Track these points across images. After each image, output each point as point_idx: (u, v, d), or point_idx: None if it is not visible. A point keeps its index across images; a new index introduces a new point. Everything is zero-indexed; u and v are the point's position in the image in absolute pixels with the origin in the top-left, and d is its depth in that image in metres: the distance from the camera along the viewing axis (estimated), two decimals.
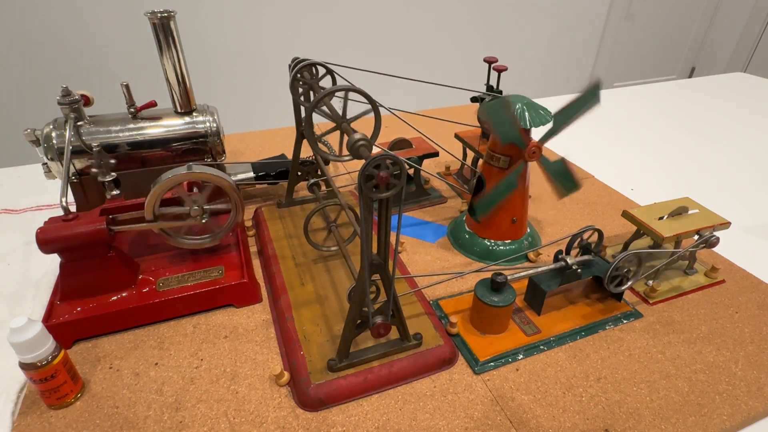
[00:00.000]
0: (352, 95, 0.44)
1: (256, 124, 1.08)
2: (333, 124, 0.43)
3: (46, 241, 0.44)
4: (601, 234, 0.54)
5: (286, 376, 0.43)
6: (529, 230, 0.63)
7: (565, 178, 0.54)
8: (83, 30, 1.69)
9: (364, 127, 0.37)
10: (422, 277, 0.56)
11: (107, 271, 0.48)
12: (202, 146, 0.62)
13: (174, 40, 0.56)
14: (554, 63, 2.67)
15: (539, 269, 0.50)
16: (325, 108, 0.43)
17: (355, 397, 0.42)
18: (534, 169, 0.56)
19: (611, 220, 0.69)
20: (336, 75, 0.55)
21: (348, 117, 0.43)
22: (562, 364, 0.46)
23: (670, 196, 0.62)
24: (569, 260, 0.50)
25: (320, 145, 0.63)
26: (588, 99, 0.49)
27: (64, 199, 0.47)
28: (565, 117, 0.51)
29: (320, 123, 1.02)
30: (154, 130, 0.60)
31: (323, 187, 0.66)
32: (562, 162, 0.54)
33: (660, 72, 3.09)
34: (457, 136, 0.77)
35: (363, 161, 0.32)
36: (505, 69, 0.70)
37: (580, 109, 0.50)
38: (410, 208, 0.72)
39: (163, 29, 0.54)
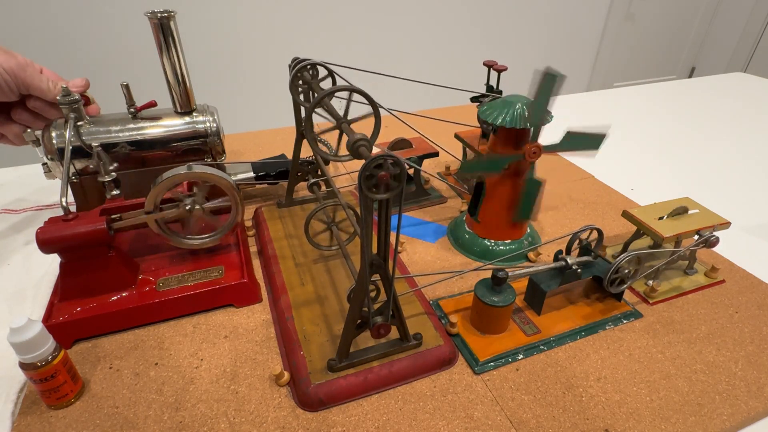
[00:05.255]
0: (352, 95, 0.44)
1: (256, 124, 1.08)
2: (332, 124, 0.43)
3: (46, 241, 0.44)
4: (601, 234, 0.54)
5: (286, 376, 0.43)
6: (529, 230, 0.63)
7: (583, 141, 0.53)
8: (83, 30, 1.69)
9: (364, 127, 0.37)
10: (422, 277, 0.56)
11: (107, 271, 0.48)
12: (202, 146, 0.62)
13: (174, 40, 0.56)
14: (554, 63, 2.66)
15: (539, 269, 0.50)
16: (325, 108, 0.43)
17: (355, 397, 0.42)
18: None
19: (611, 220, 0.69)
20: (336, 75, 0.55)
21: (349, 117, 0.43)
22: (562, 364, 0.46)
23: (670, 196, 0.62)
24: (569, 260, 0.50)
25: (320, 145, 0.63)
26: (549, 82, 0.49)
27: (64, 199, 0.47)
28: (538, 112, 0.50)
29: (320, 123, 1.02)
30: (154, 130, 0.60)
31: (323, 187, 0.66)
32: (569, 134, 0.53)
33: (660, 72, 3.09)
34: (457, 136, 0.77)
35: (363, 161, 0.31)
36: (505, 69, 0.70)
37: (548, 93, 0.49)
38: (410, 208, 0.72)
39: (163, 29, 0.54)
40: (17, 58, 0.52)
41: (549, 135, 0.53)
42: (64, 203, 0.46)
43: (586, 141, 0.53)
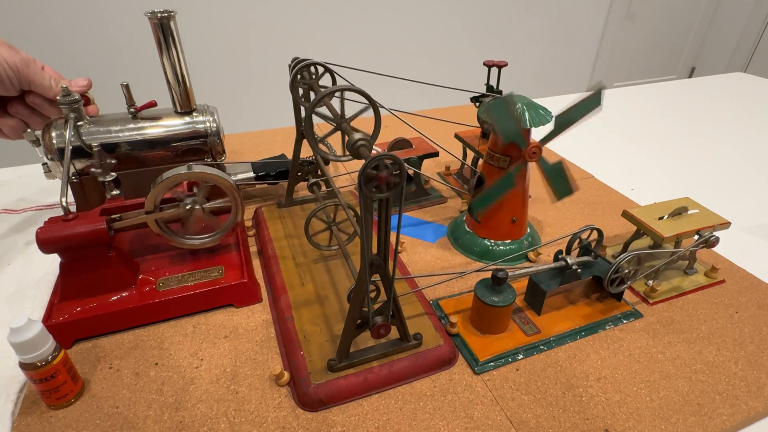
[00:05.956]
0: (352, 96, 0.44)
1: (256, 124, 1.08)
2: (334, 125, 0.43)
3: (46, 241, 0.44)
4: (601, 234, 0.54)
5: (286, 376, 0.43)
6: (529, 230, 0.63)
7: (560, 181, 0.54)
8: (83, 30, 1.69)
9: (364, 127, 0.37)
10: (422, 277, 0.56)
11: (107, 271, 0.48)
12: (202, 146, 0.62)
13: (174, 40, 0.56)
14: (554, 63, 2.67)
15: (539, 269, 0.50)
16: (324, 108, 0.43)
17: (355, 397, 0.42)
18: (533, 169, 0.56)
19: (611, 220, 0.69)
20: (336, 75, 0.55)
21: (350, 118, 0.43)
22: (562, 364, 0.46)
23: (670, 196, 0.62)
24: (569, 260, 0.50)
25: (320, 145, 0.63)
26: (592, 103, 0.49)
27: (64, 199, 0.47)
28: (567, 119, 0.51)
29: (320, 123, 1.02)
30: (154, 130, 0.60)
31: (323, 187, 0.66)
32: (560, 165, 0.54)
33: (660, 72, 3.09)
34: (457, 136, 0.77)
35: (363, 161, 0.32)
36: (506, 64, 0.70)
37: (583, 113, 0.50)
38: (410, 208, 0.72)
39: (163, 29, 0.54)
40: (21, 54, 0.53)
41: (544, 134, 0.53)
42: (64, 203, 0.46)
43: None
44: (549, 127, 0.52)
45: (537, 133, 0.53)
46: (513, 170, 0.53)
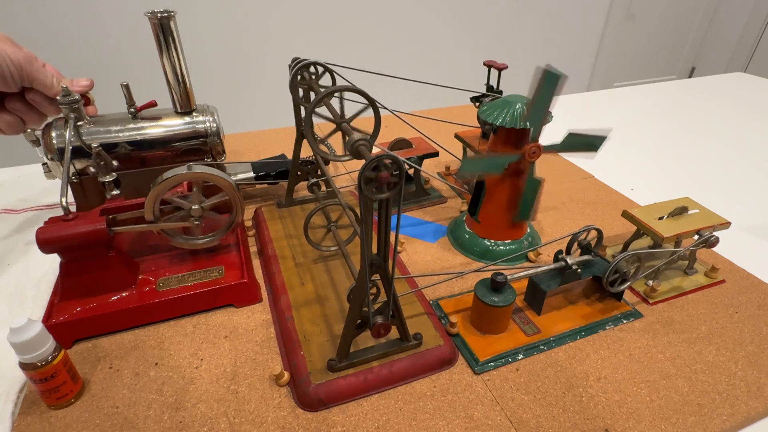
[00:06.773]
0: (352, 96, 0.44)
1: (256, 124, 1.08)
2: (334, 125, 0.43)
3: (46, 241, 0.44)
4: (601, 234, 0.54)
5: (286, 376, 0.43)
6: (529, 230, 0.63)
7: (529, 200, 0.55)
8: (83, 30, 1.69)
9: (364, 127, 0.37)
10: (422, 277, 0.56)
11: (107, 271, 0.48)
12: (202, 146, 0.62)
13: (174, 40, 0.56)
14: (554, 63, 2.66)
15: (539, 269, 0.50)
16: (324, 108, 0.43)
17: (355, 397, 0.42)
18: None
19: (611, 220, 0.69)
20: (336, 75, 0.55)
21: (350, 118, 0.43)
22: (562, 364, 0.46)
23: (670, 196, 0.62)
24: (569, 260, 0.50)
25: (320, 145, 0.63)
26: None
27: (64, 199, 0.47)
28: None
29: (321, 123, 1.02)
30: (154, 130, 0.60)
31: (323, 187, 0.66)
32: (538, 184, 0.54)
33: (660, 72, 3.09)
34: (457, 136, 0.77)
35: (363, 161, 0.32)
36: (506, 67, 0.70)
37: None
38: (410, 208, 0.72)
39: (163, 29, 0.54)
40: (24, 50, 0.53)
41: (548, 134, 0.53)
42: (64, 203, 0.46)
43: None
44: (551, 128, 0.53)
45: (543, 139, 0.53)
46: (504, 158, 0.53)
